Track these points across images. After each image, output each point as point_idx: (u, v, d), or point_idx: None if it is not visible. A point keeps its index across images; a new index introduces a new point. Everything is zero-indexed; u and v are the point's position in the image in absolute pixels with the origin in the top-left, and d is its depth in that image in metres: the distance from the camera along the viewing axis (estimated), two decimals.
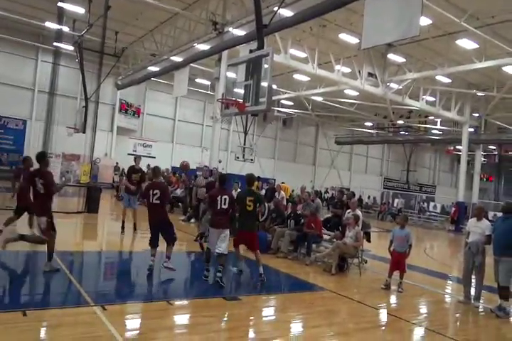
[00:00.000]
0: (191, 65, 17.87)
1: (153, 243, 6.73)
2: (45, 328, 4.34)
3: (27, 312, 4.47)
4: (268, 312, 5.86)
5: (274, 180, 16.86)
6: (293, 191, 16.75)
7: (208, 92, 26.79)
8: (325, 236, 9.15)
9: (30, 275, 6.35)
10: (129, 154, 24.22)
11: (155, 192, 6.50)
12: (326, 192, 29.76)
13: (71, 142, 20.04)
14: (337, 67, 18.03)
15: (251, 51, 8.65)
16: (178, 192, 15.46)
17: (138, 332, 4.54)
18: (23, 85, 22.60)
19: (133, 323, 4.79)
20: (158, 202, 6.53)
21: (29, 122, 22.57)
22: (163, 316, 4.95)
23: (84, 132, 17.08)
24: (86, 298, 5.13)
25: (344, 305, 6.25)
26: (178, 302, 5.55)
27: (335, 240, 8.40)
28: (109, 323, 4.39)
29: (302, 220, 9.31)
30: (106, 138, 24.98)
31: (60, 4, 14.96)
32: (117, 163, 24.40)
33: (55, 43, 16.39)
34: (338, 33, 17.06)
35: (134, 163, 10.40)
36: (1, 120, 21.91)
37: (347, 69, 19.00)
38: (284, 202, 10.89)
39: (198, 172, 16.08)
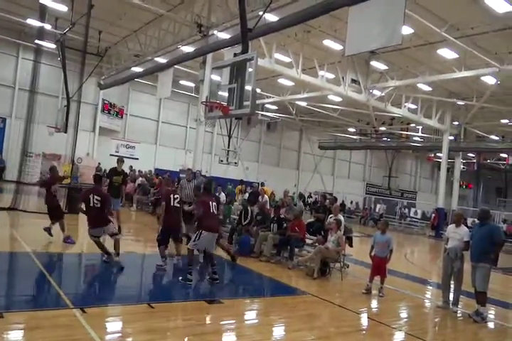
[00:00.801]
0: (175, 66, 17.78)
1: (165, 242, 7.32)
2: (22, 331, 4.23)
3: (4, 314, 4.37)
4: (250, 316, 5.85)
5: (258, 183, 16.85)
6: (272, 193, 16.69)
7: (192, 94, 26.69)
8: (307, 241, 9.19)
9: (8, 277, 6.19)
10: (111, 155, 23.90)
11: (176, 196, 7.41)
12: (310, 196, 29.93)
13: (52, 141, 19.68)
14: (321, 72, 18.22)
15: (235, 55, 8.69)
16: None
17: (118, 335, 4.47)
18: (3, 82, 22.11)
19: (113, 326, 4.73)
20: (178, 205, 7.40)
21: (9, 120, 22.08)
22: (144, 319, 4.88)
23: (65, 132, 16.81)
24: (65, 301, 5.04)
25: (325, 309, 6.29)
26: (159, 305, 5.48)
27: (317, 244, 8.44)
28: (88, 326, 4.32)
29: (285, 224, 9.34)
30: (88, 139, 24.59)
31: (42, 1, 14.67)
32: (99, 164, 24.03)
33: (36, 41, 16.06)
34: (322, 39, 17.24)
35: (116, 165, 10.28)
36: None
37: (331, 75, 19.22)
38: (268, 206, 10.89)
39: (181, 175, 15.99)
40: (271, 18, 12.86)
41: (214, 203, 6.84)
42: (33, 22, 17.31)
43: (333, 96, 21.86)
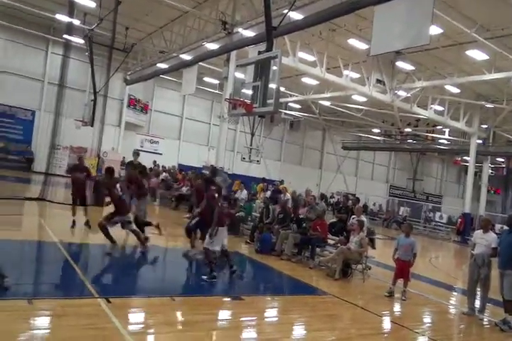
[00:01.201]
0: (200, 63, 17.87)
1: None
2: (49, 317, 4.33)
3: (33, 300, 4.48)
4: (270, 314, 5.84)
5: (280, 181, 16.86)
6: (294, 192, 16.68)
7: (216, 92, 26.80)
8: (329, 241, 9.10)
9: (36, 265, 6.36)
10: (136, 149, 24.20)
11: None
12: (332, 197, 29.64)
13: (79, 135, 20.12)
14: (345, 72, 17.99)
15: (260, 52, 8.67)
16: (184, 189, 15.45)
17: (141, 326, 4.54)
18: (33, 76, 22.66)
19: (136, 317, 4.80)
20: None
21: (38, 113, 22.65)
22: (165, 311, 4.94)
23: (92, 125, 17.14)
24: (91, 290, 5.14)
25: (347, 310, 6.21)
26: (181, 299, 5.52)
27: (339, 245, 8.35)
28: (112, 316, 4.39)
29: (304, 224, 9.28)
30: (113, 133, 25.00)
31: None
32: (124, 158, 24.40)
33: (65, 36, 16.41)
34: (347, 38, 16.99)
35: (136, 159, 10.54)
36: (10, 110, 21.97)
37: (355, 75, 18.94)
38: (289, 204, 10.83)
39: (203, 171, 16.12)
40: (296, 16, 12.78)
41: (216, 194, 6.91)
42: (62, 17, 17.66)
43: (357, 96, 21.55)
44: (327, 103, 26.07)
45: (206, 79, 26.05)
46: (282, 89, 21.88)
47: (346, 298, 6.64)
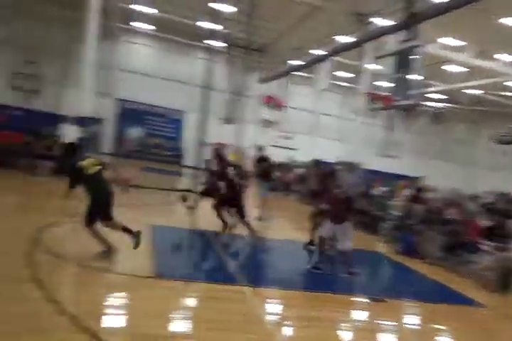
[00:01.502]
0: (333, 57, 17.53)
1: None
2: (199, 299, 4.77)
3: (186, 283, 4.96)
4: (412, 320, 5.49)
5: (419, 178, 15.68)
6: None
7: (350, 85, 26.10)
8: (483, 247, 8.06)
9: (190, 251, 7.05)
10: (271, 145, 25.10)
11: None
12: (484, 197, 26.26)
13: (222, 132, 21.73)
14: (498, 56, 15.73)
15: (399, 42, 8.11)
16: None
17: (278, 316, 4.65)
18: (182, 80, 25.20)
19: (274, 308, 4.94)
20: None
21: (186, 113, 25.24)
22: (301, 305, 5.01)
23: (232, 123, 18.33)
24: (238, 278, 5.46)
25: (508, 326, 5.41)
26: (317, 295, 5.49)
27: (496, 252, 7.34)
28: (255, 304, 4.64)
29: (452, 226, 8.40)
30: (251, 130, 26.28)
31: (211, 5, 16.10)
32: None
33: (207, 41, 17.82)
34: (499, 18, 14.73)
35: (263, 154, 11.05)
36: (163, 111, 25.09)
37: (511, 58, 16.44)
38: (435, 204, 9.94)
39: (337, 167, 15.92)
40: None
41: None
42: (204, 24, 19.12)
43: None
44: (476, 92, 23.30)
45: (340, 73, 25.57)
46: (424, 79, 20.25)
47: (507, 312, 5.80)
